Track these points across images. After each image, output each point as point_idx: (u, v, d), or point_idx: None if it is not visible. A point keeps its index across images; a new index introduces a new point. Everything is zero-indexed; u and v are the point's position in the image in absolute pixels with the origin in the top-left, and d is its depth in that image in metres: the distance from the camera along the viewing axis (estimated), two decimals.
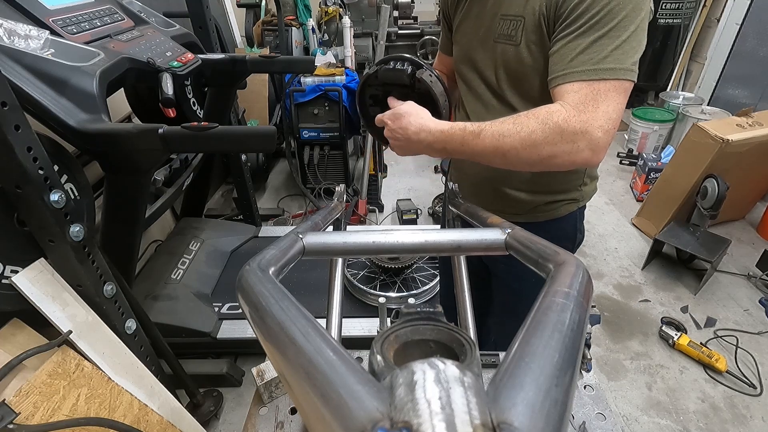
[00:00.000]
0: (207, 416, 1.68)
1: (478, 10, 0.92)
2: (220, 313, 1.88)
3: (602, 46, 0.73)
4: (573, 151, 0.74)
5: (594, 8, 0.73)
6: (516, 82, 0.89)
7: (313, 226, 0.71)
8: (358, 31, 3.41)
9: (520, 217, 1.04)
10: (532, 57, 0.83)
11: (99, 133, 1.07)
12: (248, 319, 0.39)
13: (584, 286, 0.38)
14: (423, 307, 0.45)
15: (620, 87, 0.73)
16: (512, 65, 0.87)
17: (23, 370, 1.00)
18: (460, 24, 0.99)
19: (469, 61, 0.98)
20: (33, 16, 1.19)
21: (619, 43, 0.72)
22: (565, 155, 0.75)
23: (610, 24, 0.72)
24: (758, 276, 2.36)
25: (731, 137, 2.26)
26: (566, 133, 0.73)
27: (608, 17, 0.72)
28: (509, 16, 0.84)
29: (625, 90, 0.74)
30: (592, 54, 0.73)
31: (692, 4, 3.90)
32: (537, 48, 0.82)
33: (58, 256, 1.08)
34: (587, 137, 0.72)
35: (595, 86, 0.73)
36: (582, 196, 1.05)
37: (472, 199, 1.08)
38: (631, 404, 1.80)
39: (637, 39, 0.74)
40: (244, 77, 1.93)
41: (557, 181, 1.01)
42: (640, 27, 0.74)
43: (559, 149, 0.75)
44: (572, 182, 1.02)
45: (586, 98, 0.73)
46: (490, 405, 0.21)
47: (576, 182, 1.03)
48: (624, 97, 0.74)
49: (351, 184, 3.08)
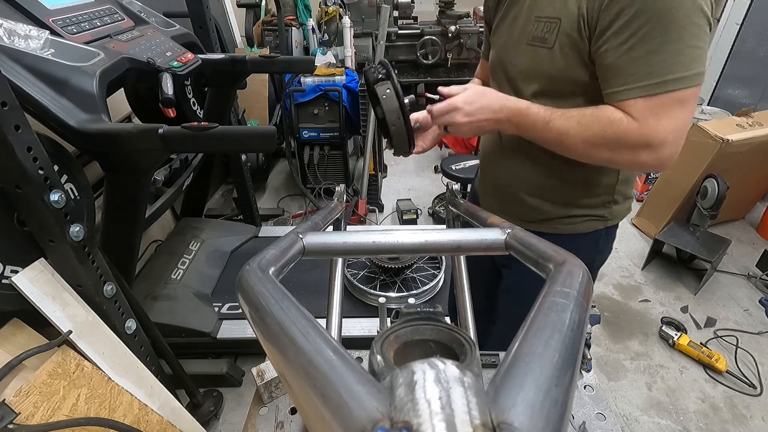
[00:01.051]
0: (207, 416, 1.68)
1: (515, 12, 0.89)
2: (220, 313, 1.88)
3: (661, 57, 0.69)
4: (635, 161, 0.76)
5: (644, 15, 0.68)
6: (546, 87, 0.86)
7: (313, 226, 0.71)
8: (358, 31, 3.41)
9: (538, 225, 0.99)
10: (565, 61, 0.80)
11: (99, 133, 1.07)
12: (248, 319, 0.39)
13: (584, 286, 0.38)
14: (423, 307, 0.45)
15: (685, 96, 0.70)
16: (544, 69, 0.83)
17: (23, 370, 1.00)
18: (496, 27, 0.96)
19: (501, 65, 0.95)
20: (33, 16, 1.19)
21: (678, 50, 0.68)
22: (626, 163, 0.78)
23: (665, 31, 0.67)
24: (758, 276, 2.36)
25: (731, 137, 2.26)
26: (627, 144, 0.74)
27: (661, 24, 0.67)
28: (544, 18, 0.81)
29: (690, 97, 0.71)
30: (652, 66, 0.70)
31: None
32: (571, 52, 0.78)
33: (58, 256, 1.08)
34: (648, 150, 0.73)
35: (657, 100, 0.70)
36: (611, 214, 0.97)
37: (495, 205, 1.07)
38: (631, 404, 1.79)
39: (699, 39, 0.68)
40: (244, 77, 1.93)
41: (581, 195, 0.95)
42: (700, 24, 0.68)
43: (619, 156, 0.77)
44: (599, 198, 0.95)
45: (649, 112, 0.71)
46: (490, 405, 0.21)
47: (604, 199, 0.95)
48: (690, 104, 0.72)
49: (351, 184, 3.08)
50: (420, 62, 3.80)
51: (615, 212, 0.97)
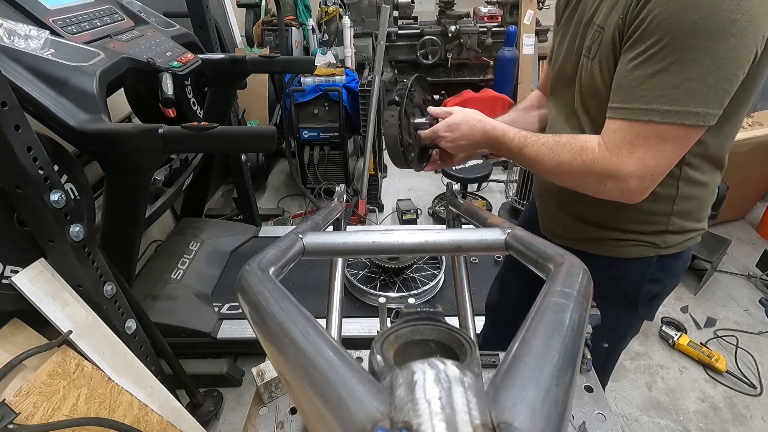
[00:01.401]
0: (207, 416, 1.68)
1: (577, 17, 0.81)
2: (220, 313, 1.88)
3: (660, 82, 0.62)
4: (600, 189, 0.73)
5: (659, 31, 0.60)
6: (585, 100, 0.81)
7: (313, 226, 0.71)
8: (358, 31, 3.41)
9: (580, 244, 0.92)
10: (602, 76, 0.73)
11: (99, 133, 1.07)
12: (248, 319, 0.39)
13: (584, 286, 0.38)
14: (423, 307, 0.45)
15: (668, 133, 0.63)
16: (585, 81, 0.78)
17: (23, 370, 1.00)
18: (558, 32, 0.91)
19: (554, 72, 0.91)
20: (33, 16, 1.19)
21: (682, 80, 0.60)
22: (592, 191, 0.75)
23: (674, 55, 0.60)
24: (758, 276, 2.36)
25: None
26: (593, 173, 0.72)
27: (673, 45, 0.59)
28: (596, 25, 0.73)
29: (675, 137, 0.64)
30: (647, 90, 0.63)
31: None
32: (607, 66, 0.72)
33: (58, 256, 1.08)
34: (614, 180, 0.69)
35: (637, 128, 0.65)
36: (664, 243, 0.86)
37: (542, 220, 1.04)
38: (631, 404, 1.79)
39: (715, 72, 0.59)
40: (244, 77, 1.93)
41: (626, 219, 0.85)
42: (725, 59, 0.58)
43: (585, 184, 0.75)
44: (648, 225, 0.85)
45: (623, 141, 0.67)
46: (490, 405, 0.21)
47: (655, 227, 0.85)
48: (673, 144, 0.65)
49: (351, 184, 3.08)
50: (420, 62, 3.80)
51: (669, 241, 0.86)
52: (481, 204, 3.11)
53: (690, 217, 0.86)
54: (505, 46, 3.53)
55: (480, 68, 3.89)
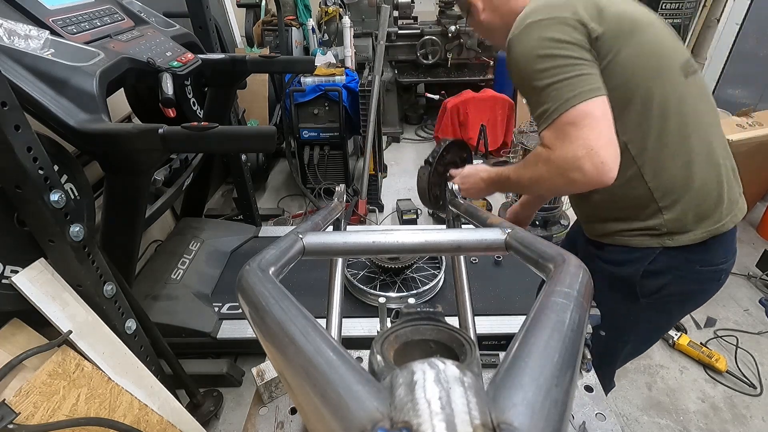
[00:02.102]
0: (207, 416, 1.68)
1: None
2: (220, 313, 1.88)
3: (537, 100, 0.85)
4: (572, 181, 0.83)
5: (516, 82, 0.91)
6: None
7: (313, 226, 0.71)
8: (358, 31, 3.41)
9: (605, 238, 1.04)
10: None
11: (99, 133, 1.07)
12: (248, 319, 0.39)
13: (584, 286, 0.38)
14: (423, 307, 0.45)
15: (573, 116, 0.80)
16: None
17: (23, 370, 1.00)
18: None
19: None
20: (33, 16, 1.19)
21: (543, 93, 0.83)
22: (566, 186, 0.85)
23: (526, 85, 0.87)
24: (758, 276, 2.36)
25: (731, 137, 2.26)
26: (554, 170, 0.84)
27: (522, 84, 0.88)
28: None
29: (580, 117, 0.80)
30: (538, 107, 0.85)
31: (692, 4, 3.90)
32: None
33: (58, 256, 1.08)
34: (573, 169, 0.81)
35: (553, 128, 0.83)
36: (671, 239, 0.93)
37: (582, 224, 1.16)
38: (631, 404, 1.79)
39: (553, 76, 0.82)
40: (244, 77, 1.93)
41: (626, 210, 0.97)
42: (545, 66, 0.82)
43: (558, 182, 0.85)
44: (644, 222, 0.95)
45: (556, 137, 0.83)
46: (490, 405, 0.21)
47: (650, 223, 0.94)
48: (586, 120, 0.80)
49: (351, 184, 3.08)
50: (420, 62, 3.80)
51: (673, 238, 0.94)
52: (481, 204, 3.11)
53: (681, 211, 0.92)
54: None
55: (480, 68, 3.90)
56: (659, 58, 0.87)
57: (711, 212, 0.92)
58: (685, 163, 0.89)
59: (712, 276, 1.00)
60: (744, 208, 1.00)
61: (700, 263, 0.96)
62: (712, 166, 0.92)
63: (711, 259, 0.97)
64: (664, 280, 0.98)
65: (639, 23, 0.86)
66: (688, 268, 0.96)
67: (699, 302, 1.08)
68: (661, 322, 1.13)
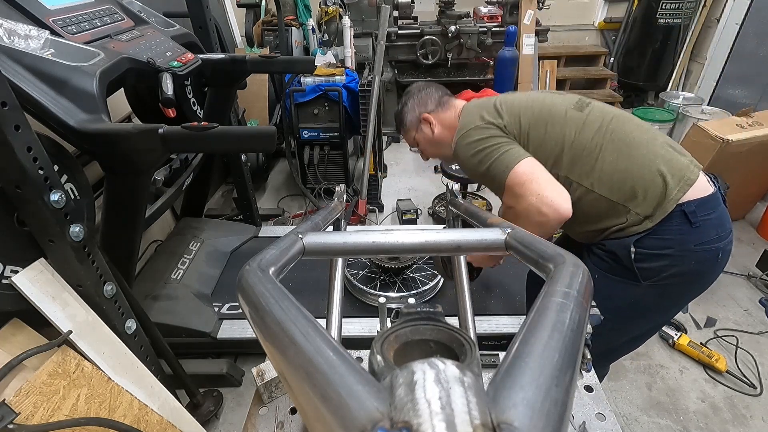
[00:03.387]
0: (207, 416, 1.68)
1: None
2: (220, 313, 1.88)
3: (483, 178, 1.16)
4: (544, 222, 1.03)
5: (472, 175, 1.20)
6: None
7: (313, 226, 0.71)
8: (358, 31, 3.41)
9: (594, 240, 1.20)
10: None
11: (99, 133, 1.07)
12: (248, 319, 0.39)
13: (584, 286, 0.38)
14: (423, 307, 0.45)
15: (511, 181, 1.06)
16: None
17: (23, 370, 1.00)
18: None
19: None
20: (33, 16, 1.19)
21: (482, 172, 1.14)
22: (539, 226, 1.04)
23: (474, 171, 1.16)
24: (758, 276, 2.36)
25: (731, 137, 2.26)
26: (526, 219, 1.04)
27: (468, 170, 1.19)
28: None
29: (516, 182, 1.05)
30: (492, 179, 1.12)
31: (692, 4, 3.90)
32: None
33: (58, 256, 1.08)
34: (536, 214, 1.03)
35: (507, 191, 1.08)
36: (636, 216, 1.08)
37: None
38: (631, 404, 1.79)
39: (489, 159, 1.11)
40: (244, 77, 1.93)
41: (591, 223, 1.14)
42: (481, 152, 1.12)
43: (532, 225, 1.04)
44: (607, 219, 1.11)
45: (514, 196, 1.07)
46: (490, 405, 0.21)
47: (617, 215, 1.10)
48: (523, 182, 1.04)
49: (351, 184, 3.08)
50: (420, 62, 3.80)
51: (652, 219, 1.06)
52: (481, 204, 3.11)
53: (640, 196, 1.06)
54: (505, 46, 3.53)
55: (480, 68, 3.89)
56: (549, 111, 1.13)
57: (661, 185, 1.05)
58: (625, 168, 1.06)
59: (708, 255, 1.07)
60: (697, 170, 1.09)
61: (694, 243, 1.05)
62: (648, 159, 1.06)
63: (703, 238, 1.05)
64: (663, 263, 1.07)
65: (526, 104, 1.15)
66: (684, 249, 1.05)
67: (704, 283, 1.16)
68: (667, 305, 1.21)
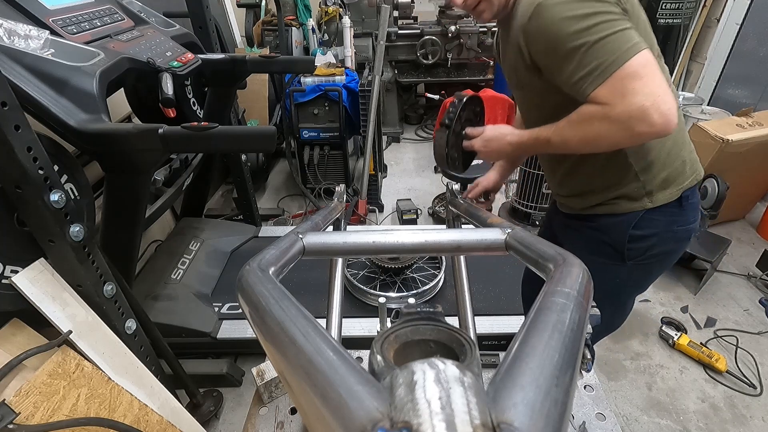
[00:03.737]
0: (207, 416, 1.68)
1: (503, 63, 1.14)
2: (220, 313, 1.88)
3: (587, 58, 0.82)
4: (636, 133, 0.82)
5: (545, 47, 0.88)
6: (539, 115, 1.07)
7: (313, 226, 0.71)
8: (358, 31, 3.41)
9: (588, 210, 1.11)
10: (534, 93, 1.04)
11: (99, 133, 1.07)
12: (248, 319, 0.39)
13: (584, 286, 0.38)
14: (423, 307, 0.45)
15: (631, 68, 0.79)
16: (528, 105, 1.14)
17: (23, 370, 1.00)
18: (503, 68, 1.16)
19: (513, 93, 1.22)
20: (33, 16, 1.19)
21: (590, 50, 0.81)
22: (627, 138, 0.84)
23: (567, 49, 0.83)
24: (758, 276, 2.36)
25: (731, 137, 2.26)
26: (616, 124, 0.82)
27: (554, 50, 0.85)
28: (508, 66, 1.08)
29: (637, 66, 0.79)
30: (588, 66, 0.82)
31: (692, 4, 3.89)
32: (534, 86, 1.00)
33: (58, 256, 1.08)
34: (637, 121, 0.80)
35: (611, 83, 0.80)
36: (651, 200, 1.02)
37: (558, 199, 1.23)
38: (631, 404, 1.79)
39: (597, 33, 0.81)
40: (244, 77, 1.93)
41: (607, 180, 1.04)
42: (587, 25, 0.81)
43: (617, 136, 0.84)
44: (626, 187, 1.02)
45: (612, 95, 0.81)
46: (490, 405, 0.21)
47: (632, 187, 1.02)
48: (644, 70, 0.79)
49: (351, 184, 3.08)
50: (420, 62, 3.80)
51: (652, 198, 1.02)
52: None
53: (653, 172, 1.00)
54: None
55: (480, 68, 3.90)
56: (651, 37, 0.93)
57: (679, 173, 1.02)
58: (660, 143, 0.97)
59: (685, 235, 1.09)
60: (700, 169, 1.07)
61: (677, 224, 1.06)
62: (677, 145, 1.01)
63: (686, 220, 1.07)
64: (650, 242, 1.07)
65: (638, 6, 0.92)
66: (669, 229, 1.06)
67: (673, 260, 1.18)
68: (642, 281, 1.22)
